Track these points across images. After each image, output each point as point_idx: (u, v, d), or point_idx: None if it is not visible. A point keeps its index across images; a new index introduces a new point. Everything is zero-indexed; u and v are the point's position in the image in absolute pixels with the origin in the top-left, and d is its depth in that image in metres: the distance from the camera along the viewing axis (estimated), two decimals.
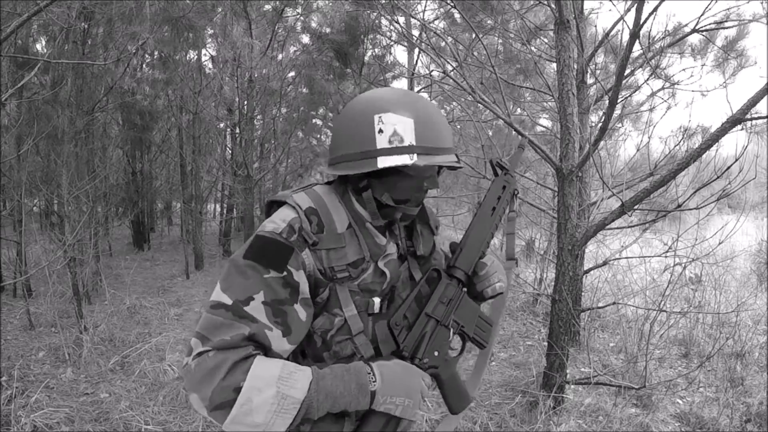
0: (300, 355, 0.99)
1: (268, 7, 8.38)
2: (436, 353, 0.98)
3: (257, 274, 0.86)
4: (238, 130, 8.24)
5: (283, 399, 0.79)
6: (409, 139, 0.92)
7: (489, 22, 5.15)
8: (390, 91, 0.99)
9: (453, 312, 1.03)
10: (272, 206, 1.02)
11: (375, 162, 0.91)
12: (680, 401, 3.48)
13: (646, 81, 5.02)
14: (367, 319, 0.98)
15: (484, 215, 1.13)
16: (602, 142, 3.10)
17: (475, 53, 4.60)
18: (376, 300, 0.99)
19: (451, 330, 1.02)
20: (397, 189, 0.98)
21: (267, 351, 0.85)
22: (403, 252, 1.08)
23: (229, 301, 0.84)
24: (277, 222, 0.92)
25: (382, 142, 0.92)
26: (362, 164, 0.93)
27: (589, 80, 4.22)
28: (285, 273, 0.87)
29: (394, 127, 0.92)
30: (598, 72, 5.08)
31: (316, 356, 0.97)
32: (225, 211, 11.53)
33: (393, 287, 1.03)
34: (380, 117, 0.93)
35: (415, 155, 0.92)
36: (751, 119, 2.13)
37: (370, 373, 0.88)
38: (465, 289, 1.07)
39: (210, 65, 9.57)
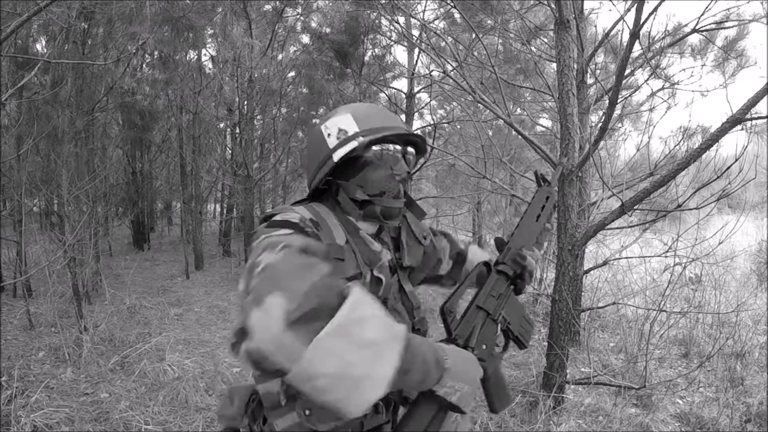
0: None
1: (268, 7, 8.38)
2: (483, 346, 0.97)
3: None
4: (238, 130, 8.24)
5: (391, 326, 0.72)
6: (353, 129, 1.00)
7: (489, 22, 5.15)
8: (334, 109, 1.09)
9: (502, 307, 1.03)
10: (267, 222, 0.96)
11: (332, 160, 0.99)
12: (680, 401, 3.48)
13: (646, 81, 5.03)
14: None
15: (530, 219, 1.17)
16: (602, 142, 3.10)
17: (475, 53, 4.60)
18: None
19: (499, 325, 1.02)
20: (369, 182, 1.02)
21: None
22: (392, 263, 1.08)
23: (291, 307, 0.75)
24: (292, 222, 0.92)
25: (332, 142, 1.01)
26: (324, 167, 1.00)
27: (589, 80, 4.22)
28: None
29: (337, 126, 1.02)
30: (598, 72, 5.08)
31: None
32: (225, 211, 11.53)
33: (385, 299, 1.02)
34: (325, 125, 1.04)
35: (360, 137, 0.99)
36: (751, 119, 2.13)
37: (444, 354, 0.84)
38: (512, 287, 1.08)
39: (210, 65, 9.57)
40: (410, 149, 1.09)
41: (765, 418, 3.12)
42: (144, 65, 9.35)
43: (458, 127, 8.33)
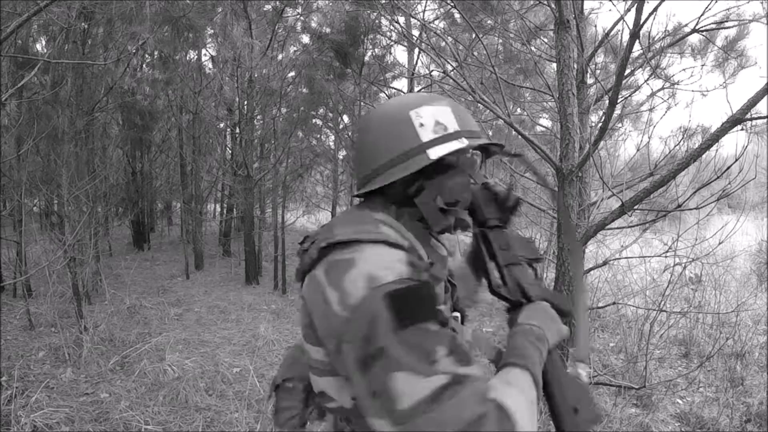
0: None
1: (268, 7, 8.38)
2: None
3: (423, 333, 0.69)
4: (238, 130, 8.24)
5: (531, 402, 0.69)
6: (453, 126, 0.86)
7: (489, 22, 5.15)
8: (407, 95, 0.94)
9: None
10: (333, 250, 0.78)
11: (426, 156, 0.82)
12: (680, 401, 3.48)
13: (646, 81, 5.02)
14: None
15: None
16: (602, 142, 3.09)
17: (475, 53, 4.60)
18: (458, 316, 0.98)
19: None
20: (447, 189, 0.87)
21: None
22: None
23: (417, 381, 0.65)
24: (394, 265, 0.72)
25: (426, 134, 0.84)
26: (411, 164, 0.82)
27: (589, 80, 4.22)
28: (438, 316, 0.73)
29: (435, 118, 0.85)
30: (598, 72, 5.08)
31: None
32: (225, 211, 11.53)
33: (457, 298, 1.01)
34: (416, 112, 0.85)
35: (464, 139, 0.85)
36: (751, 119, 2.13)
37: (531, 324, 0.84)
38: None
39: (210, 65, 9.57)
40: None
41: (765, 418, 3.12)
42: (144, 65, 9.34)
43: None
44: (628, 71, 3.90)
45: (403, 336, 0.66)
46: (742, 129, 2.74)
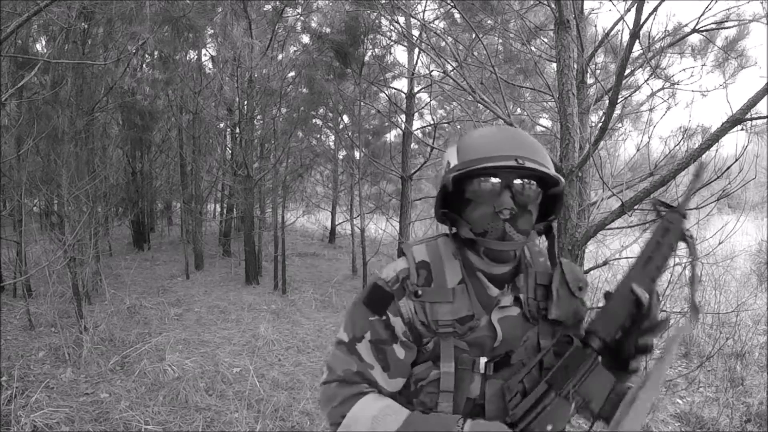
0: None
1: (268, 7, 8.38)
2: (549, 427, 0.87)
3: (366, 317, 0.96)
4: (238, 130, 8.24)
5: None
6: (453, 162, 0.96)
7: (489, 22, 5.15)
8: None
9: (576, 382, 0.89)
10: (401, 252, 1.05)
11: (440, 193, 0.97)
12: (680, 401, 3.48)
13: (646, 81, 5.01)
14: (471, 375, 0.94)
15: (636, 269, 0.96)
16: (602, 142, 3.09)
17: (475, 53, 4.60)
18: (482, 360, 0.94)
19: (573, 403, 0.89)
20: (472, 220, 0.94)
21: (378, 387, 0.95)
22: (529, 313, 0.99)
23: (345, 339, 0.97)
24: (390, 271, 0.99)
25: (440, 175, 0.99)
26: (438, 199, 0.98)
27: (589, 80, 4.22)
28: (384, 317, 0.95)
29: (447, 158, 0.98)
30: (598, 72, 5.08)
31: (408, 400, 0.97)
32: (225, 211, 11.53)
33: (509, 352, 0.96)
34: (447, 151, 1.01)
35: (452, 173, 0.93)
36: (751, 119, 2.13)
37: (458, 424, 0.86)
38: (600, 358, 0.92)
39: (210, 65, 9.58)
40: (528, 181, 0.92)
41: (765, 418, 3.12)
42: (144, 65, 9.35)
43: (458, 127, 8.34)
44: (628, 71, 3.90)
45: (358, 307, 0.98)
46: (742, 129, 2.73)
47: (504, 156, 0.89)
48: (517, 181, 0.91)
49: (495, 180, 0.91)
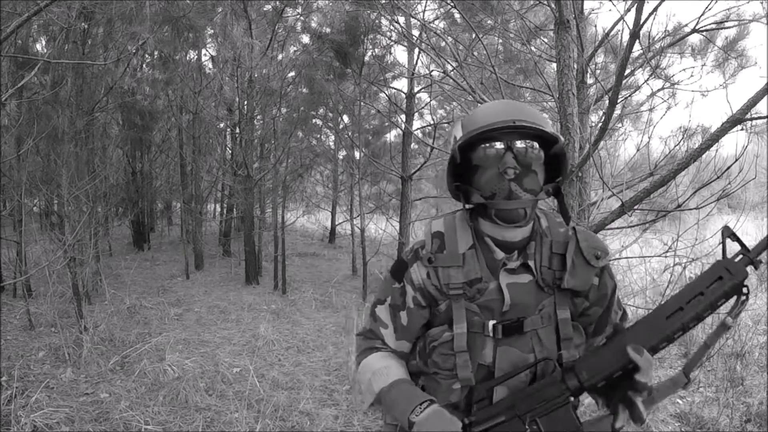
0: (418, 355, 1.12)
1: (268, 7, 8.38)
2: None
3: (390, 284, 1.09)
4: (238, 130, 8.24)
5: (369, 385, 1.06)
6: (458, 135, 1.02)
7: (489, 22, 5.15)
8: None
9: (540, 412, 0.90)
10: None
11: (450, 166, 1.03)
12: (680, 401, 3.48)
13: (646, 81, 5.01)
14: (483, 340, 0.99)
15: (650, 321, 0.90)
16: (602, 142, 3.09)
17: (475, 53, 4.60)
18: (491, 323, 0.98)
19: (527, 429, 0.90)
20: (481, 185, 0.99)
21: (387, 345, 1.10)
22: (543, 282, 1.00)
23: (373, 300, 1.14)
24: (412, 243, 1.10)
25: (450, 149, 1.03)
26: (448, 173, 1.04)
27: (589, 80, 4.21)
28: (401, 284, 1.07)
29: (453, 135, 1.05)
30: (598, 72, 5.08)
31: (424, 361, 1.05)
32: (225, 211, 11.53)
33: (521, 318, 0.98)
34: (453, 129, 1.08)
35: (457, 143, 1.00)
36: (751, 119, 2.13)
37: (419, 407, 0.96)
38: (572, 400, 0.93)
39: (210, 65, 9.57)
40: (529, 143, 0.97)
41: (765, 418, 3.12)
42: (144, 65, 9.34)
43: None
44: (628, 71, 3.90)
45: (386, 275, 1.12)
46: (742, 129, 2.73)
47: (502, 121, 0.94)
48: (519, 143, 0.96)
49: (498, 144, 0.96)
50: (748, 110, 2.11)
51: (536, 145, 0.98)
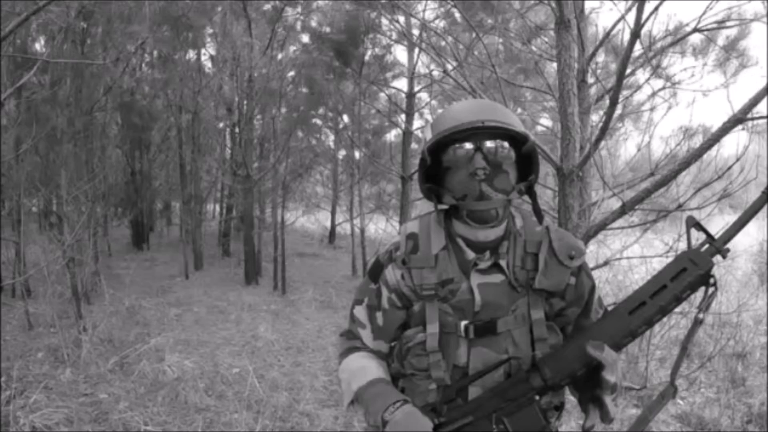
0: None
1: (267, 6, 8.37)
2: None
3: (367, 284, 1.11)
4: (237, 130, 8.23)
5: (348, 384, 1.07)
6: (428, 136, 1.01)
7: (489, 21, 5.14)
8: None
9: (506, 410, 0.91)
10: None
11: (420, 169, 1.04)
12: (681, 402, 3.47)
13: (647, 81, 5.00)
14: (457, 340, 0.99)
15: (613, 318, 0.89)
16: (603, 142, 3.08)
17: (476, 53, 4.59)
18: (462, 323, 0.98)
19: (495, 428, 0.91)
20: (452, 186, 0.99)
21: (365, 345, 1.11)
22: (516, 282, 0.99)
23: (353, 301, 1.15)
24: (389, 245, 1.11)
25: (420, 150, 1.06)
26: (420, 174, 1.04)
27: (590, 80, 4.21)
28: (377, 285, 1.08)
29: (424, 138, 1.10)
30: (598, 71, 5.07)
31: (400, 362, 1.06)
32: (224, 211, 11.52)
33: (494, 319, 0.98)
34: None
35: (426, 146, 1.00)
36: (753, 119, 2.12)
37: (393, 407, 0.96)
38: (538, 398, 0.93)
39: (209, 65, 9.57)
40: (499, 142, 0.96)
41: (766, 418, 3.11)
42: (143, 65, 9.34)
43: None
44: (629, 71, 3.89)
45: (365, 276, 1.14)
46: (743, 129, 2.72)
47: (469, 122, 0.94)
48: (488, 143, 0.95)
49: (467, 145, 0.96)
50: (749, 110, 2.10)
51: (506, 144, 0.97)
